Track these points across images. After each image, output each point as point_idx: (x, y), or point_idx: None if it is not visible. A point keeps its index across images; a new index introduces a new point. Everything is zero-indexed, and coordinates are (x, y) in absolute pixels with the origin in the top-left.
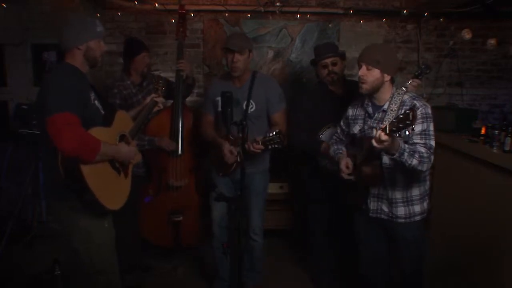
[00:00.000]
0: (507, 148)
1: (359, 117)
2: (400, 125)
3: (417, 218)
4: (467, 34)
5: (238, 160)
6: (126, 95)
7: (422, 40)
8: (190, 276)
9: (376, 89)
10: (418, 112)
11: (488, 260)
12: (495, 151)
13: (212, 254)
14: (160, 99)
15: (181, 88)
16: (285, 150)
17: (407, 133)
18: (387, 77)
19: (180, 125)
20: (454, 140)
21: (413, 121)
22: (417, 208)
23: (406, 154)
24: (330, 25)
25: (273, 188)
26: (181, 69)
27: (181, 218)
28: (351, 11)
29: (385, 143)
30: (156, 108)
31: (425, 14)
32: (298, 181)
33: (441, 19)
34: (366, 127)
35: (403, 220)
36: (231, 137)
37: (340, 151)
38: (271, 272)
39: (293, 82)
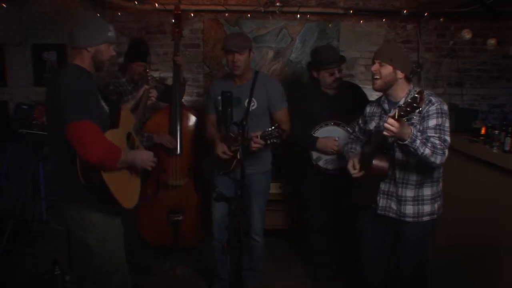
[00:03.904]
0: (507, 148)
1: (376, 114)
2: (408, 109)
3: (426, 218)
4: (467, 34)
5: (238, 157)
6: (122, 92)
7: (422, 40)
8: (190, 276)
9: (389, 85)
10: (433, 107)
11: (488, 260)
12: (495, 151)
13: (212, 254)
14: (153, 91)
15: (178, 82)
16: (282, 147)
17: (413, 119)
18: (400, 75)
19: (178, 124)
20: (454, 140)
21: (420, 103)
22: (426, 208)
23: (418, 141)
24: (330, 25)
25: (273, 188)
26: (178, 63)
27: (181, 217)
28: (351, 11)
29: (394, 129)
30: (149, 101)
31: (425, 14)
32: (293, 179)
33: (441, 19)
34: (381, 123)
35: (411, 219)
36: (231, 135)
37: (352, 150)
38: (271, 272)
39: (292, 82)
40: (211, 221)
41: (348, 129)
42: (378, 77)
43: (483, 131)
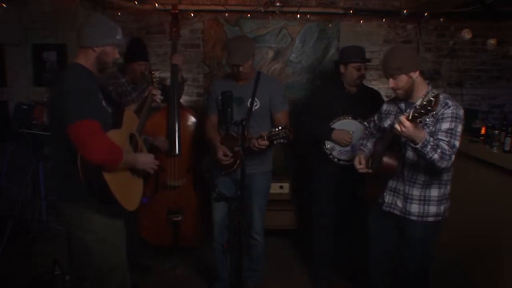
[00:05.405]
0: (507, 148)
1: (392, 112)
2: (422, 111)
3: (430, 219)
4: (467, 34)
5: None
6: (121, 92)
7: (422, 40)
8: (190, 276)
9: (411, 89)
10: (449, 111)
11: (489, 260)
12: (495, 151)
13: (213, 254)
14: (157, 91)
15: (176, 84)
16: (283, 147)
17: (427, 120)
18: (414, 74)
19: (177, 124)
20: None
21: (435, 107)
22: (432, 209)
23: (429, 147)
24: (330, 25)
25: (273, 188)
26: (175, 64)
27: (180, 217)
28: (351, 11)
29: (405, 130)
30: (153, 103)
31: (425, 14)
32: (294, 179)
33: (441, 19)
34: (396, 122)
35: (415, 218)
36: (233, 135)
37: (362, 147)
38: (271, 272)
39: (318, 79)
40: (211, 221)
41: (365, 123)
42: (399, 90)
43: (483, 131)
